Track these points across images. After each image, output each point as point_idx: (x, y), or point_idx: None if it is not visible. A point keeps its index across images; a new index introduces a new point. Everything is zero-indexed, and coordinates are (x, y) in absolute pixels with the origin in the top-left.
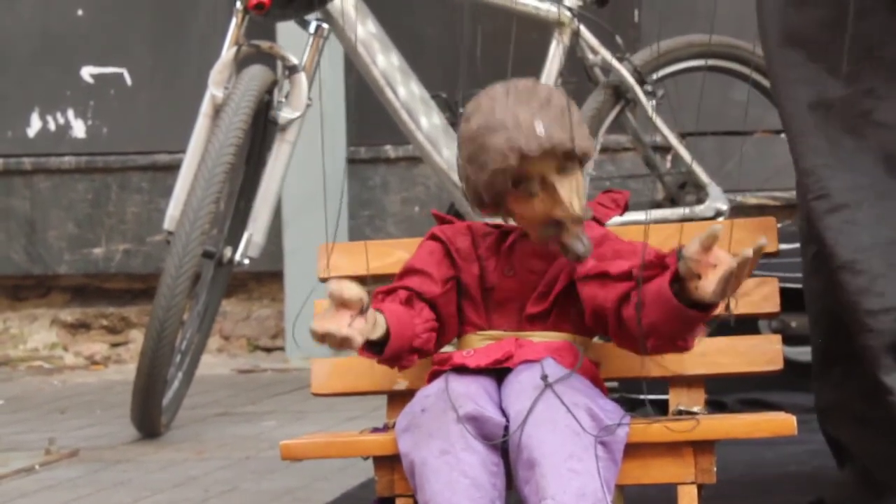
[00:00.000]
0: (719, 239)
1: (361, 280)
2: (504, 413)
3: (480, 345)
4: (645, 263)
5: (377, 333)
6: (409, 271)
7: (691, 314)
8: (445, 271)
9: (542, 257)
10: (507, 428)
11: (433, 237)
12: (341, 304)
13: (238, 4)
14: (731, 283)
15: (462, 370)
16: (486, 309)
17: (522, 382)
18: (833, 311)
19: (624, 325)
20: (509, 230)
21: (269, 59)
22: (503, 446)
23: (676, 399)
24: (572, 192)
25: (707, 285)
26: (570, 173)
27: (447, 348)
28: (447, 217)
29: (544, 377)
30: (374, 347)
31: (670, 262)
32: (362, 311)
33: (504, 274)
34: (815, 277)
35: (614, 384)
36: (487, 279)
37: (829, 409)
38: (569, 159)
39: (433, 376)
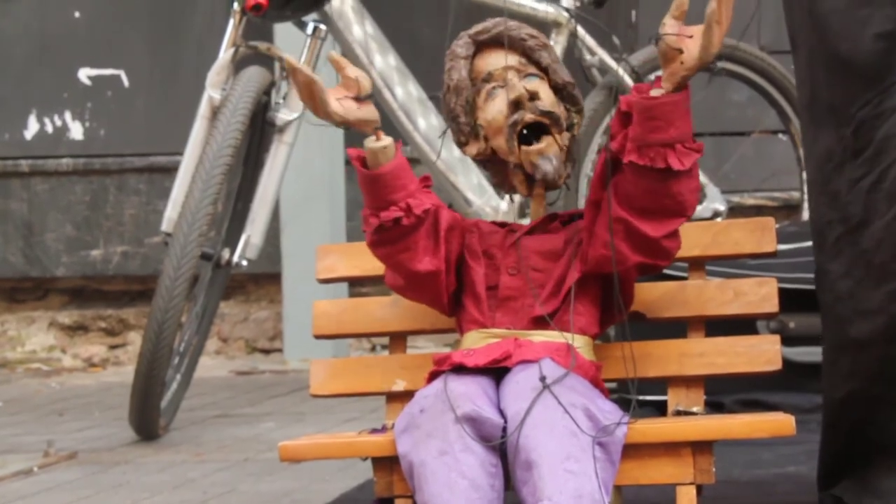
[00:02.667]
0: (687, 4)
1: (359, 282)
2: (502, 413)
3: (481, 343)
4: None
5: (385, 142)
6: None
7: (662, 101)
8: (455, 225)
9: (547, 256)
10: (505, 429)
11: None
12: (343, 79)
13: (236, 5)
14: (715, 30)
15: (460, 370)
16: (490, 307)
17: (520, 383)
18: (854, 293)
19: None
20: (514, 228)
21: (266, 60)
22: (501, 447)
23: (675, 399)
24: (531, 86)
25: (692, 47)
26: (532, 80)
27: (446, 349)
28: (455, 214)
29: (542, 378)
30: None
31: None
32: (359, 100)
33: (508, 272)
34: (839, 261)
35: (613, 385)
36: (491, 277)
37: (850, 397)
38: (530, 63)
39: (432, 377)
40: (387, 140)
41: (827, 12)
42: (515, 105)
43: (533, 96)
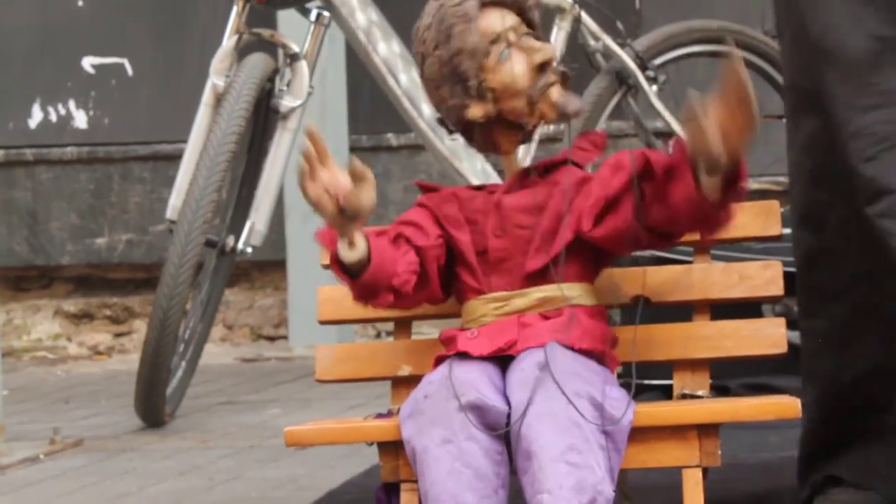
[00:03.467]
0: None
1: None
2: (508, 400)
3: (485, 318)
4: (638, 169)
5: (356, 255)
6: (400, 223)
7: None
8: (437, 230)
9: (530, 212)
10: (509, 416)
11: (420, 205)
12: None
13: None
14: (731, 124)
15: (466, 356)
16: (484, 272)
17: (525, 371)
18: (875, 271)
19: (658, 227)
20: (493, 189)
21: (270, 47)
22: (506, 435)
23: (681, 383)
24: (542, 42)
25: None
26: (530, 39)
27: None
28: (431, 185)
29: (545, 366)
30: (349, 271)
31: (680, 160)
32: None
33: (494, 234)
34: (853, 243)
35: (619, 369)
36: (479, 242)
37: (864, 377)
38: (530, 25)
39: (438, 361)
40: (360, 246)
41: (816, 3)
42: (541, 68)
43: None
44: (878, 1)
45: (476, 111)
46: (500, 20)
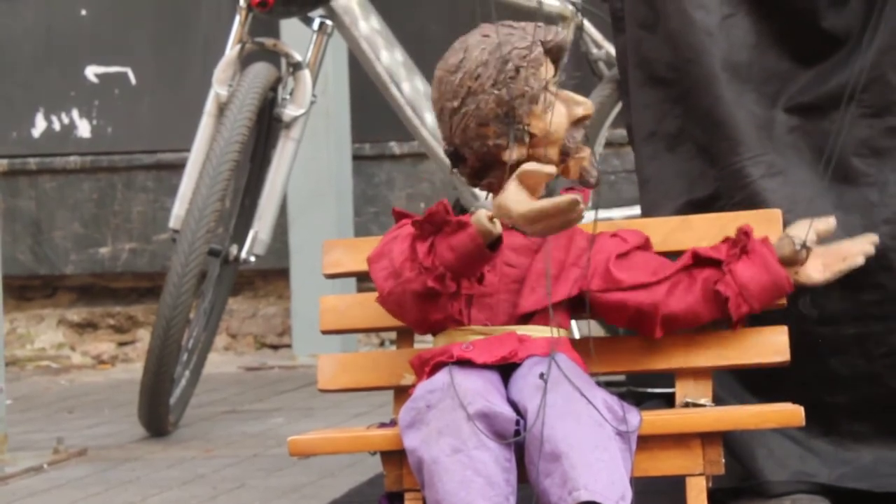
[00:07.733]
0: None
1: (365, 276)
2: (513, 406)
3: (464, 339)
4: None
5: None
6: None
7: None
8: None
9: (520, 251)
10: (518, 422)
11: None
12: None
13: (241, 2)
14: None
15: (463, 363)
16: (465, 304)
17: (536, 375)
18: None
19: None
20: None
21: (272, 56)
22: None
23: (683, 391)
24: (583, 97)
25: (813, 273)
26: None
27: (425, 345)
28: (410, 214)
29: (557, 370)
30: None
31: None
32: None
33: (485, 269)
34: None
35: (621, 378)
36: None
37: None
38: (558, 65)
39: (433, 369)
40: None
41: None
42: (577, 121)
43: None
44: (755, 80)
45: (514, 154)
46: (546, 68)
